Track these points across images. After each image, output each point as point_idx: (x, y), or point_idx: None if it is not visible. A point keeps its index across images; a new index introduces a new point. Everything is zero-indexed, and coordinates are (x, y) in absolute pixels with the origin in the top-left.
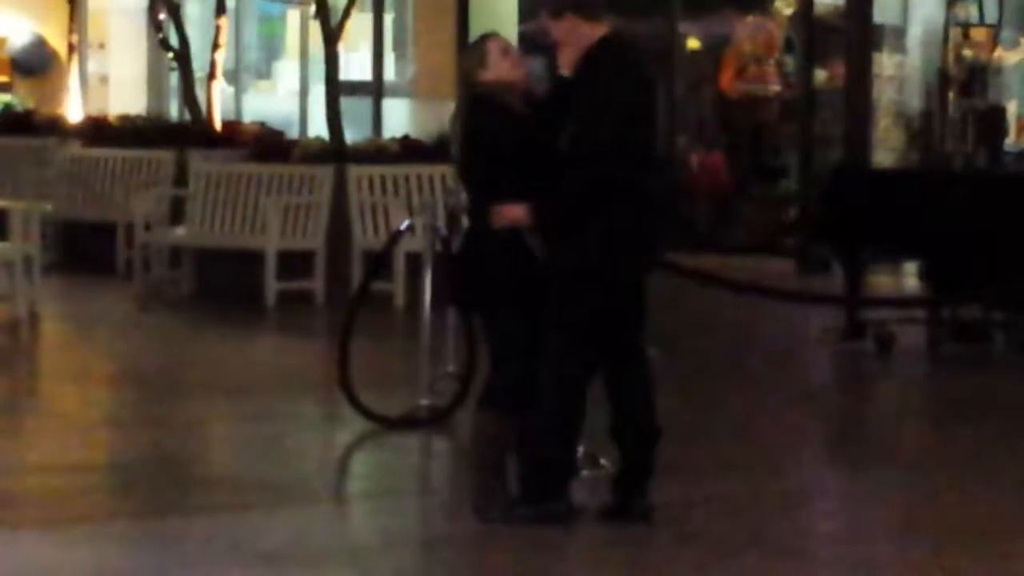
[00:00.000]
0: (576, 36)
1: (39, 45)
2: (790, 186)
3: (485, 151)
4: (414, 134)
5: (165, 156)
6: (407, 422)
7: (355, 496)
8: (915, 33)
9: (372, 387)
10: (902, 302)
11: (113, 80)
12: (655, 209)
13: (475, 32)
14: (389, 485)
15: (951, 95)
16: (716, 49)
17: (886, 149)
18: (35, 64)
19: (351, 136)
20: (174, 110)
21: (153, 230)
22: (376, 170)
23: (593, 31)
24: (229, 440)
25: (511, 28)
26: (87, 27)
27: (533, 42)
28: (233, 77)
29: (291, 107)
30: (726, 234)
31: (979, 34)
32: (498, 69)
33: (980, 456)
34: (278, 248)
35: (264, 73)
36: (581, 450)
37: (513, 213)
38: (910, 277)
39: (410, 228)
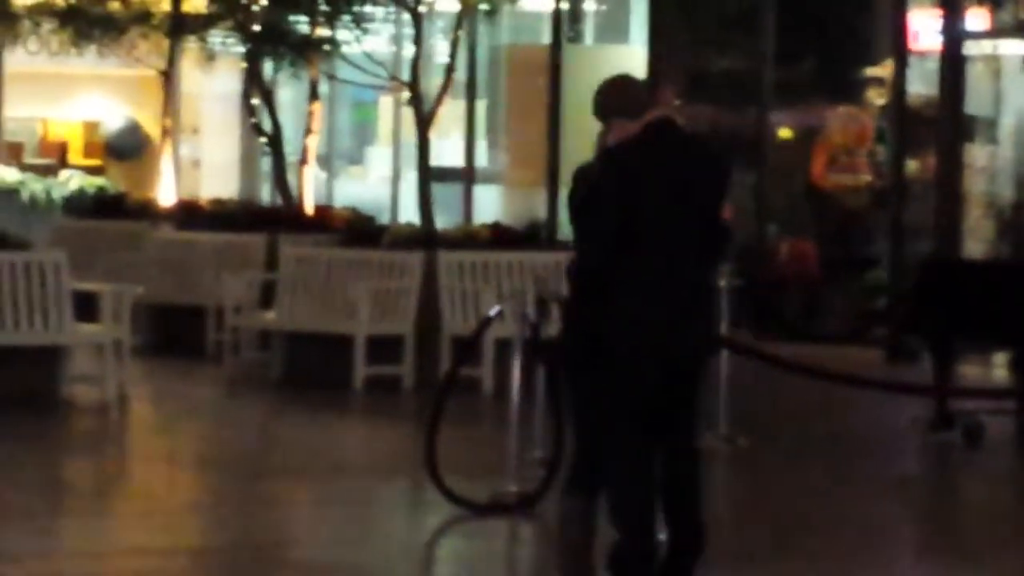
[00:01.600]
0: (626, 134)
1: (133, 129)
2: (880, 276)
3: (571, 217)
4: (505, 221)
5: (256, 240)
6: (494, 508)
7: None
8: (1007, 124)
9: (460, 472)
10: (992, 393)
11: (205, 164)
12: (665, 299)
13: (567, 120)
14: (476, 571)
15: None
16: (808, 139)
17: (977, 240)
18: (128, 148)
19: (442, 222)
20: (266, 194)
21: (243, 314)
22: (466, 256)
23: (640, 124)
24: (316, 524)
25: None
26: (181, 112)
27: None
28: (325, 162)
29: (382, 192)
30: (816, 323)
31: None
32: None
33: None
34: (367, 333)
35: (356, 158)
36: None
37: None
38: (1000, 368)
39: (499, 314)
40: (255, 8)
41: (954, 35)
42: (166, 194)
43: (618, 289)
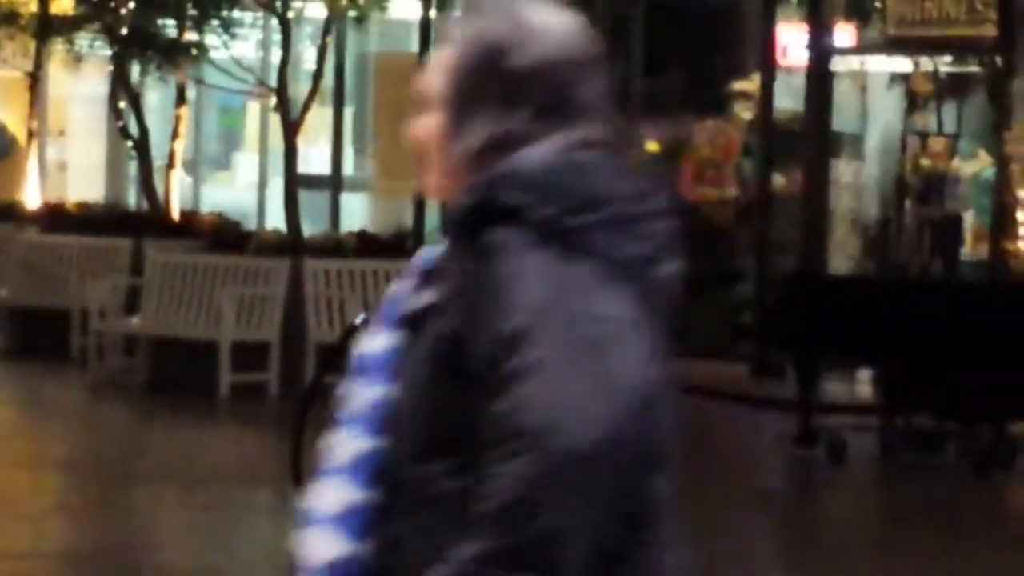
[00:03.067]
0: None
1: None
2: (745, 290)
3: None
4: (372, 229)
5: (122, 244)
6: None
7: None
8: (873, 141)
9: None
10: (855, 409)
11: (72, 167)
12: None
13: None
14: None
15: (908, 203)
16: (675, 152)
17: (842, 256)
18: None
19: (309, 229)
20: (132, 198)
21: (108, 318)
22: (332, 264)
23: None
24: (179, 530)
25: None
26: (47, 114)
27: None
28: (192, 167)
29: (249, 199)
30: (680, 337)
31: (937, 143)
32: None
33: (926, 564)
34: (232, 339)
35: (223, 164)
36: None
37: None
38: (864, 384)
39: (365, 322)
40: (123, 11)
41: (821, 50)
42: (31, 196)
43: None
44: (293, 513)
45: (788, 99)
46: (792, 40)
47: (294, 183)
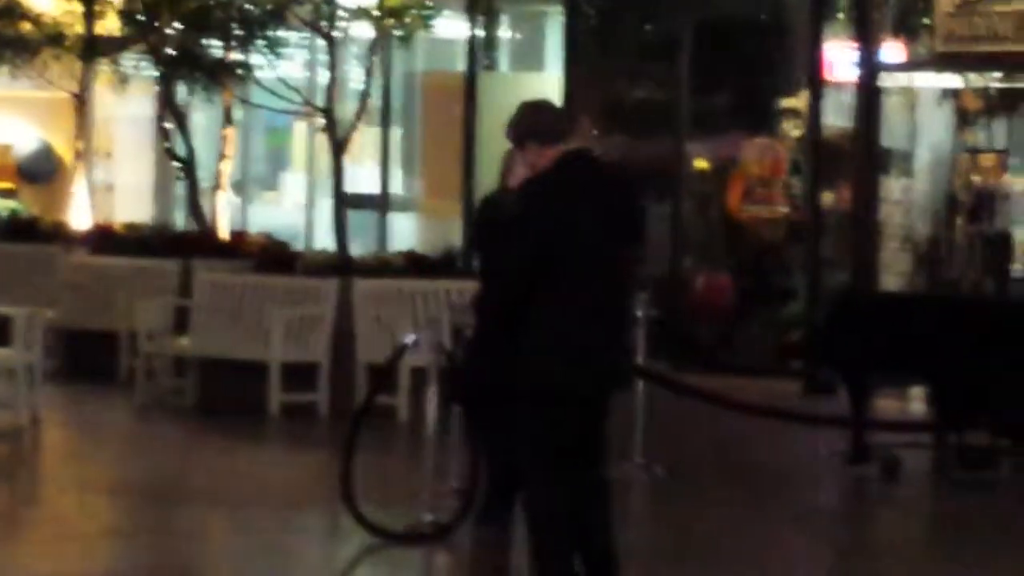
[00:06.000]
0: (540, 161)
1: (45, 153)
2: (796, 308)
3: (476, 248)
4: (420, 248)
5: (170, 266)
6: (409, 536)
7: None
8: (923, 157)
9: (375, 501)
10: (908, 426)
11: (119, 189)
12: (580, 333)
13: (482, 147)
14: None
15: (959, 220)
16: (723, 170)
17: (893, 273)
18: (41, 171)
19: (356, 249)
20: (180, 219)
21: (157, 339)
22: (381, 284)
23: (555, 153)
24: (229, 551)
25: None
26: (94, 135)
27: None
28: (239, 188)
29: (297, 219)
30: (731, 355)
31: (987, 160)
32: (517, 178)
33: None
34: (282, 360)
35: (270, 184)
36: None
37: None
38: (916, 401)
39: (415, 342)
40: (168, 31)
41: (869, 67)
42: (79, 218)
43: (531, 323)
44: (344, 534)
45: (837, 116)
46: (840, 57)
47: (342, 203)
